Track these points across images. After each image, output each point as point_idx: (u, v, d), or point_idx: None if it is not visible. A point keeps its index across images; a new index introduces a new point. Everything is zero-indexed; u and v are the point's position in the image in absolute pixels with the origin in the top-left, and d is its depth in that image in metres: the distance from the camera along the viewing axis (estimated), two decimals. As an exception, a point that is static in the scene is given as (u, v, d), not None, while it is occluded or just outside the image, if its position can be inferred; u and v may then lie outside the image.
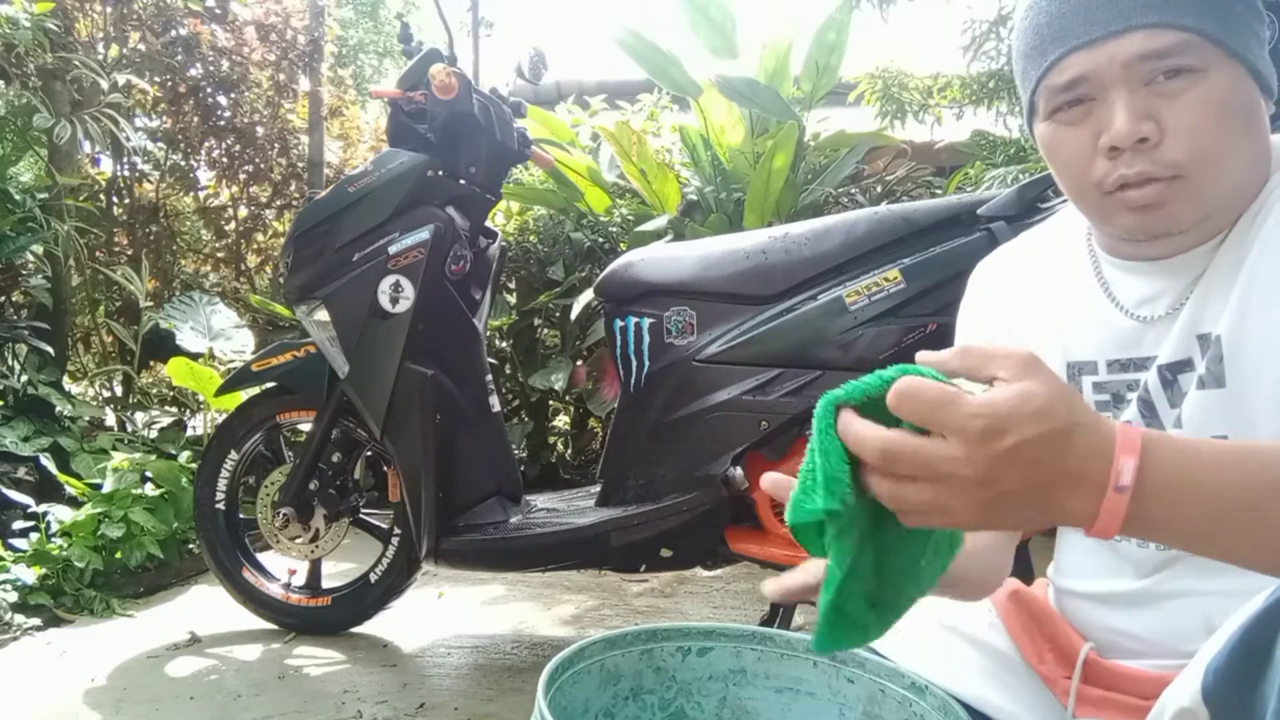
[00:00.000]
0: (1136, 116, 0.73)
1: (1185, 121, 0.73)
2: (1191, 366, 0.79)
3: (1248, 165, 0.76)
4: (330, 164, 5.42)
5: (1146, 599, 0.83)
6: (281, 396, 2.48)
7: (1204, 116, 0.73)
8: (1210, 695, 0.58)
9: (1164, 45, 0.72)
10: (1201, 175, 0.74)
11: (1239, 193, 0.77)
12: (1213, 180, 0.75)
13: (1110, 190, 0.77)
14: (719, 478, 1.97)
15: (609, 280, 2.13)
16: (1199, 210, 0.76)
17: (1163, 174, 0.74)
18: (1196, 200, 0.75)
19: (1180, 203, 0.75)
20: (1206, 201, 0.75)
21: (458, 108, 2.23)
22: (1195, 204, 0.75)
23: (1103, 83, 0.75)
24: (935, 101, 4.34)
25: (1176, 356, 0.80)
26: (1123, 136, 0.74)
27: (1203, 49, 0.73)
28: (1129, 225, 0.78)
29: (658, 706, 0.87)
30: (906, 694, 0.80)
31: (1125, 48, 0.73)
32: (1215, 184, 0.75)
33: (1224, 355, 0.76)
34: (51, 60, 3.94)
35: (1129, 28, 0.73)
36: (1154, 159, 0.74)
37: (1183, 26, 0.72)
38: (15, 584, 2.57)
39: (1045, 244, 0.95)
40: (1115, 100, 0.74)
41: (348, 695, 2.03)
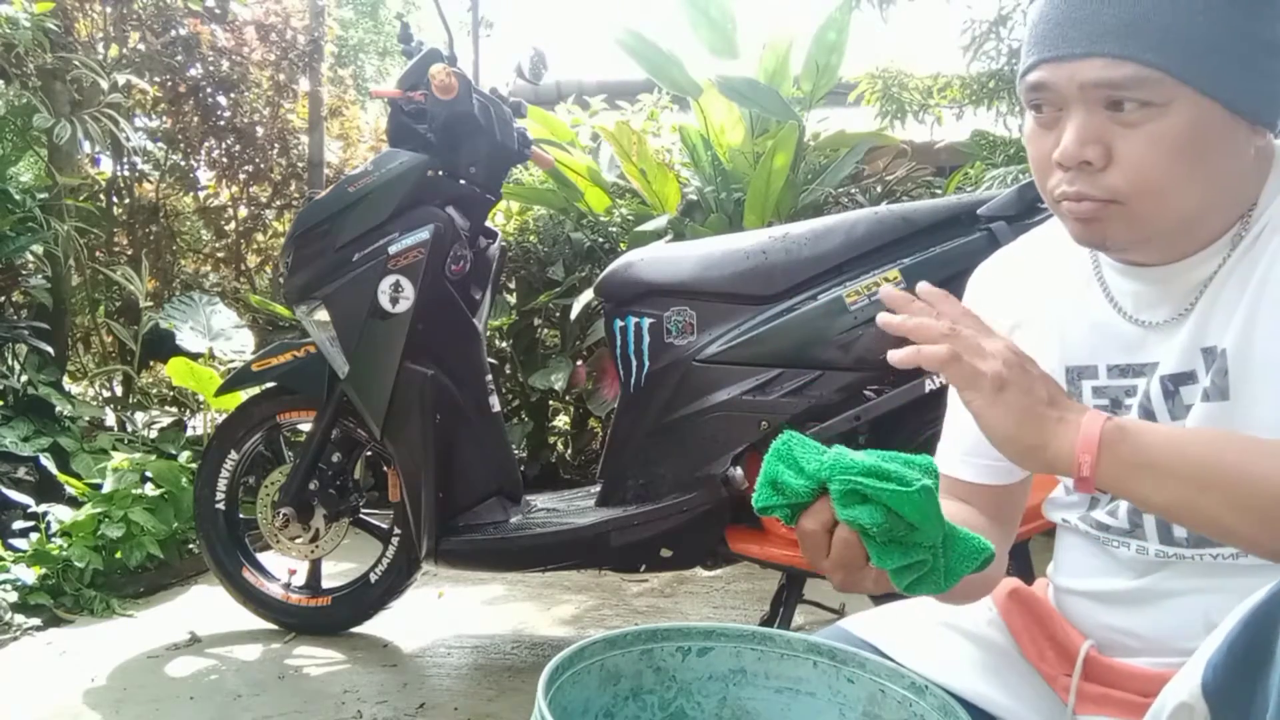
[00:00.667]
0: (1082, 140, 0.75)
1: (1133, 154, 0.74)
2: (1194, 379, 0.79)
3: (1204, 196, 0.76)
4: (330, 164, 5.42)
5: (1145, 598, 0.83)
6: (281, 396, 2.48)
7: (1153, 153, 0.74)
8: (1210, 690, 0.58)
9: (1120, 77, 0.73)
10: (1139, 205, 0.75)
11: (1200, 218, 0.77)
12: (1152, 211, 0.75)
13: (1057, 198, 0.79)
14: (719, 478, 1.97)
15: (609, 280, 2.13)
16: (1135, 234, 0.77)
17: (1098, 196, 0.76)
18: (1132, 225, 0.77)
19: (1114, 224, 0.77)
20: (1144, 228, 0.77)
21: (458, 108, 2.23)
22: (1130, 228, 0.77)
23: (1063, 98, 0.77)
24: (935, 101, 4.35)
25: (1180, 368, 0.80)
26: (1066, 156, 0.76)
27: (1164, 85, 0.72)
28: (1072, 233, 0.81)
29: (658, 706, 0.87)
30: (906, 694, 0.80)
31: (1084, 71, 0.74)
32: (1155, 214, 0.76)
33: (1229, 369, 0.76)
34: (51, 60, 3.94)
35: (1090, 53, 0.74)
36: (1093, 183, 0.76)
37: (1144, 61, 0.72)
38: (15, 584, 2.57)
39: (1046, 247, 0.95)
40: (1071, 118, 0.76)
41: (348, 695, 2.03)
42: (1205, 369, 0.78)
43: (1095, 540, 0.87)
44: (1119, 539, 0.84)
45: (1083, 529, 0.88)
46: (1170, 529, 0.81)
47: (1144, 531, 0.82)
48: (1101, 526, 0.86)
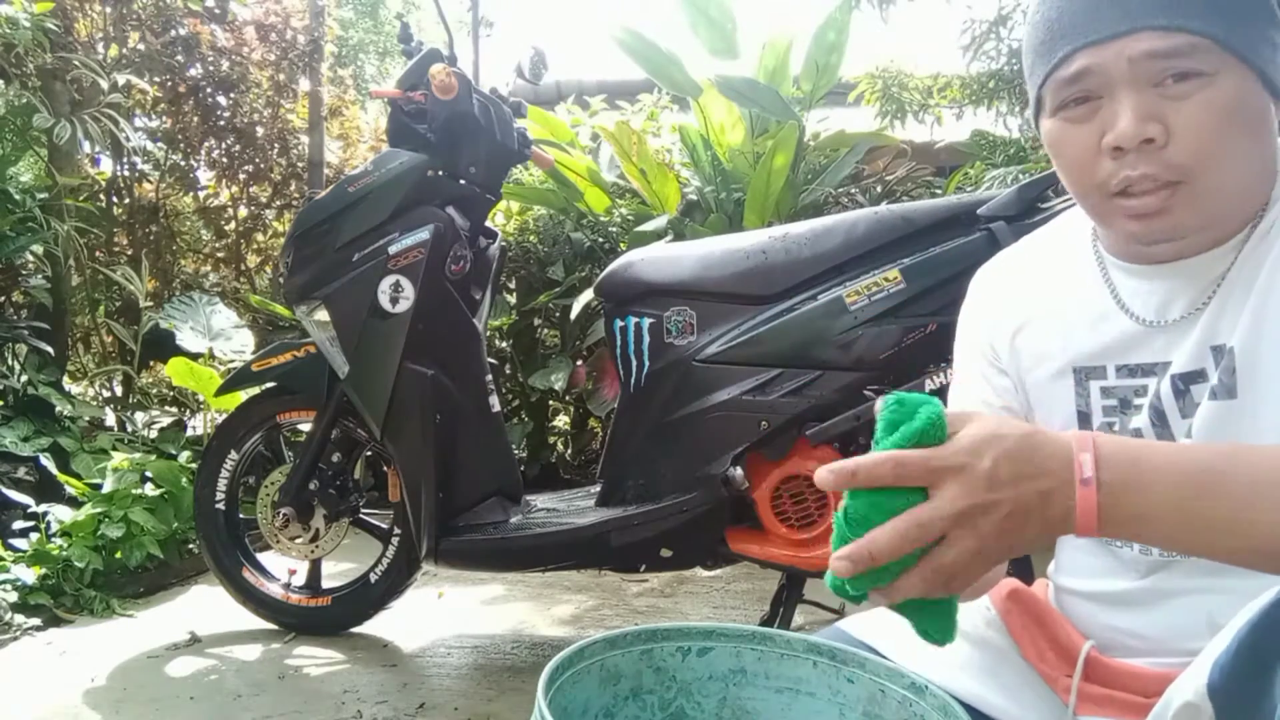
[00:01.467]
0: (1142, 117, 0.73)
1: (1191, 125, 0.72)
2: (1204, 377, 0.78)
3: (1253, 171, 0.76)
4: (330, 164, 5.42)
5: (1147, 598, 0.83)
6: (281, 396, 2.48)
7: (1210, 120, 0.72)
8: (1216, 691, 0.58)
9: (1173, 46, 0.72)
10: (1205, 179, 0.73)
11: (1244, 199, 0.76)
12: (1216, 185, 0.74)
13: (1114, 192, 0.76)
14: (719, 478, 1.97)
15: (609, 280, 2.13)
16: (1201, 216, 0.75)
17: (1166, 176, 0.74)
18: (1199, 206, 0.75)
19: (1182, 209, 0.74)
20: (1209, 207, 0.75)
21: (458, 108, 2.23)
22: (1198, 210, 0.75)
23: (1110, 80, 0.74)
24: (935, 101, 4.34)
25: (1190, 367, 0.79)
26: (1128, 137, 0.73)
27: (1211, 53, 0.72)
28: (1129, 231, 0.78)
29: (658, 707, 0.87)
30: (906, 694, 0.80)
31: (1133, 46, 0.73)
32: (1219, 189, 0.74)
33: (1236, 367, 0.75)
34: (51, 60, 3.94)
35: (1137, 28, 0.73)
36: (1159, 161, 0.73)
37: (1191, 30, 0.72)
38: (15, 584, 2.57)
39: (1049, 248, 0.94)
40: (1122, 99, 0.74)
41: (348, 695, 2.03)
42: (1215, 367, 0.77)
43: (1098, 540, 0.87)
44: (1121, 539, 0.84)
45: None
46: None
47: None
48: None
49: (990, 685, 0.91)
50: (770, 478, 1.99)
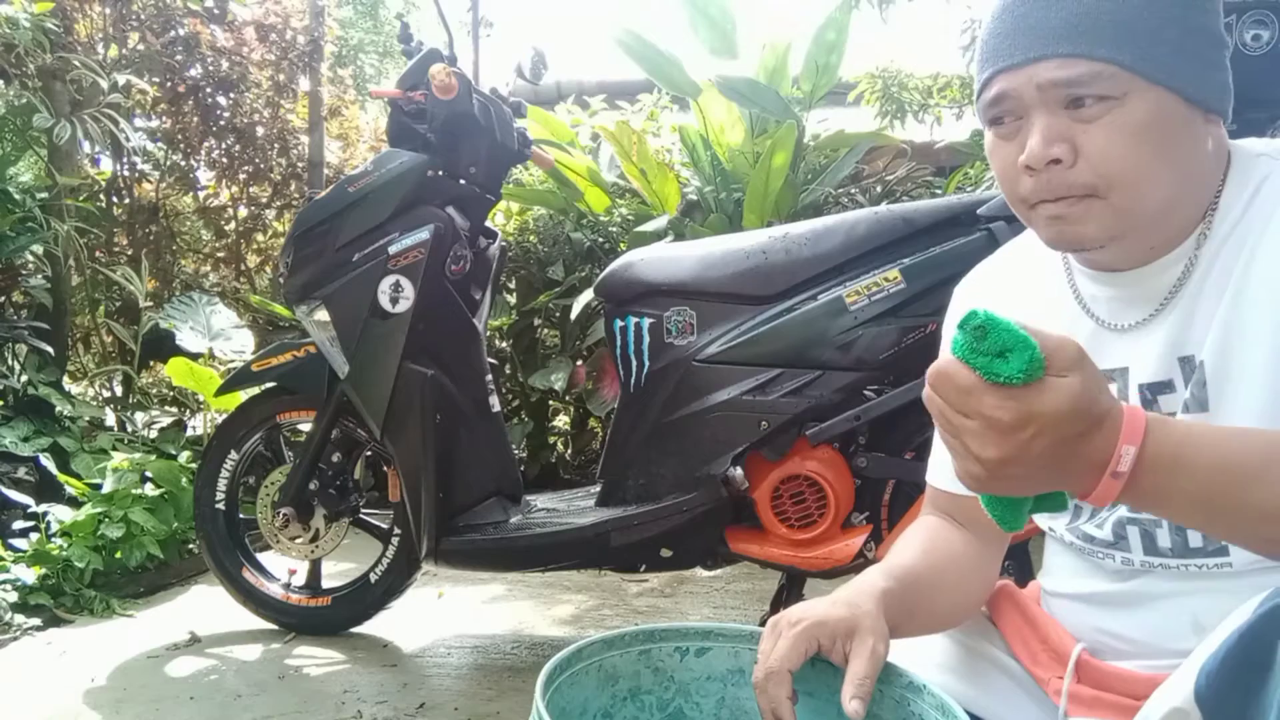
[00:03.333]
0: (1048, 140, 0.76)
1: (1098, 146, 0.75)
2: (1172, 388, 0.80)
3: (1174, 186, 0.77)
4: (330, 164, 5.42)
5: (1131, 600, 0.84)
6: (281, 396, 2.48)
7: (1117, 141, 0.75)
8: (1203, 697, 0.58)
9: (1075, 75, 0.75)
10: (1116, 196, 0.76)
11: (1170, 212, 0.78)
12: (1128, 201, 0.76)
13: (1032, 203, 0.80)
14: (719, 478, 1.97)
15: (609, 280, 2.13)
16: (1113, 229, 0.78)
17: (1075, 193, 0.77)
18: (1110, 219, 0.77)
19: (1093, 220, 0.77)
20: (1121, 221, 0.77)
21: (458, 108, 2.23)
22: (1109, 222, 0.77)
23: (1023, 104, 0.78)
24: (935, 101, 4.35)
25: (1156, 377, 0.81)
26: (1035, 158, 0.77)
27: (1118, 78, 0.74)
28: (1047, 239, 0.82)
29: (656, 707, 0.87)
30: (904, 693, 0.80)
31: (1040, 72, 0.76)
32: (1131, 204, 0.76)
33: (1207, 380, 0.77)
34: (51, 60, 3.94)
35: (1043, 56, 0.76)
36: (1065, 180, 0.77)
37: (1095, 56, 0.74)
38: (15, 584, 2.57)
39: (1022, 256, 0.97)
40: (1034, 121, 0.77)
41: (348, 695, 2.03)
42: (1184, 380, 0.79)
43: (1080, 551, 0.87)
44: (1103, 550, 0.85)
45: (1068, 540, 0.88)
46: (1154, 540, 0.81)
47: (1128, 544, 0.83)
48: (1087, 538, 0.86)
49: (982, 687, 0.91)
50: (770, 478, 1.99)
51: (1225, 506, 0.66)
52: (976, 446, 0.64)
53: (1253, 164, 0.80)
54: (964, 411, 0.64)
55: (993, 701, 0.90)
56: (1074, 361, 0.63)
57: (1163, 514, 0.74)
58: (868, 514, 2.02)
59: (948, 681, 0.93)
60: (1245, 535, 0.67)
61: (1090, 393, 0.62)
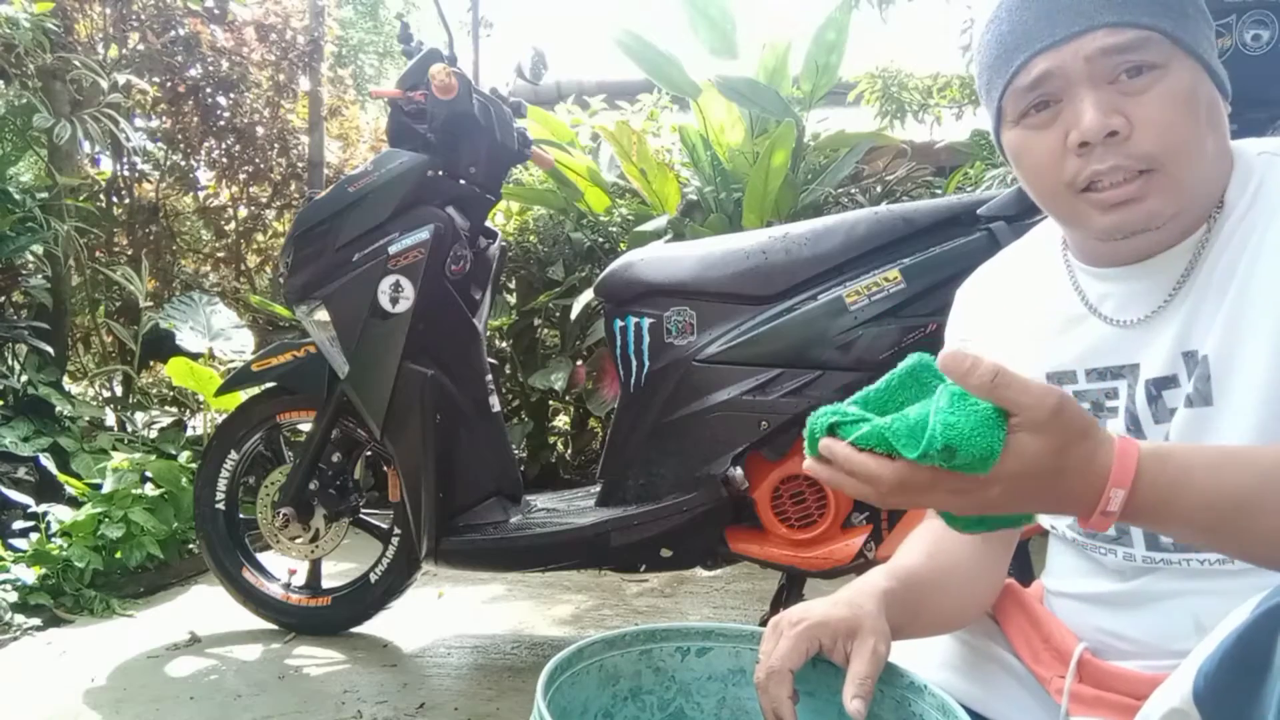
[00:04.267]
0: (1105, 111, 0.75)
1: (1152, 115, 0.75)
2: (1177, 383, 0.80)
3: (1213, 159, 0.78)
4: (330, 164, 5.42)
5: (1133, 600, 0.83)
6: (281, 396, 2.48)
7: (1170, 109, 0.75)
8: (1202, 698, 0.58)
9: (1125, 41, 0.75)
10: (1174, 165, 0.76)
11: (1208, 187, 0.78)
12: (1185, 170, 0.76)
13: (1082, 188, 0.78)
14: (719, 478, 1.97)
15: (609, 280, 2.13)
16: (1175, 203, 0.77)
17: (1135, 166, 0.76)
18: (1172, 192, 0.76)
19: (1156, 195, 0.76)
20: (1181, 193, 0.77)
21: (458, 108, 2.23)
22: (1171, 196, 0.76)
23: (1069, 80, 0.77)
24: (935, 101, 4.35)
25: (1162, 372, 0.80)
26: (1093, 131, 0.75)
27: (1161, 45, 0.75)
28: (1105, 225, 0.79)
29: (657, 707, 0.87)
30: (905, 694, 0.80)
31: (1088, 44, 0.75)
32: (1188, 174, 0.76)
33: (1211, 374, 0.77)
34: (51, 60, 3.94)
35: (1090, 27, 0.75)
36: (1125, 152, 0.75)
37: (1141, 24, 0.75)
38: (15, 584, 2.57)
39: (1023, 258, 0.96)
40: (1083, 97, 0.76)
41: (348, 695, 2.03)
42: (1188, 374, 0.79)
43: (1083, 547, 0.87)
44: (1105, 546, 0.85)
45: (1070, 536, 0.88)
46: (1157, 535, 0.81)
47: (1130, 539, 0.82)
48: (1089, 533, 0.86)
49: (985, 685, 0.91)
50: (770, 478, 1.99)
51: (1226, 534, 0.66)
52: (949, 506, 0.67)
53: (1254, 162, 0.80)
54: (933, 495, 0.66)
55: (995, 700, 0.90)
56: (1042, 423, 0.62)
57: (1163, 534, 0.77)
58: (868, 514, 2.02)
59: (950, 680, 0.93)
60: (1252, 557, 0.67)
61: (1058, 448, 0.63)
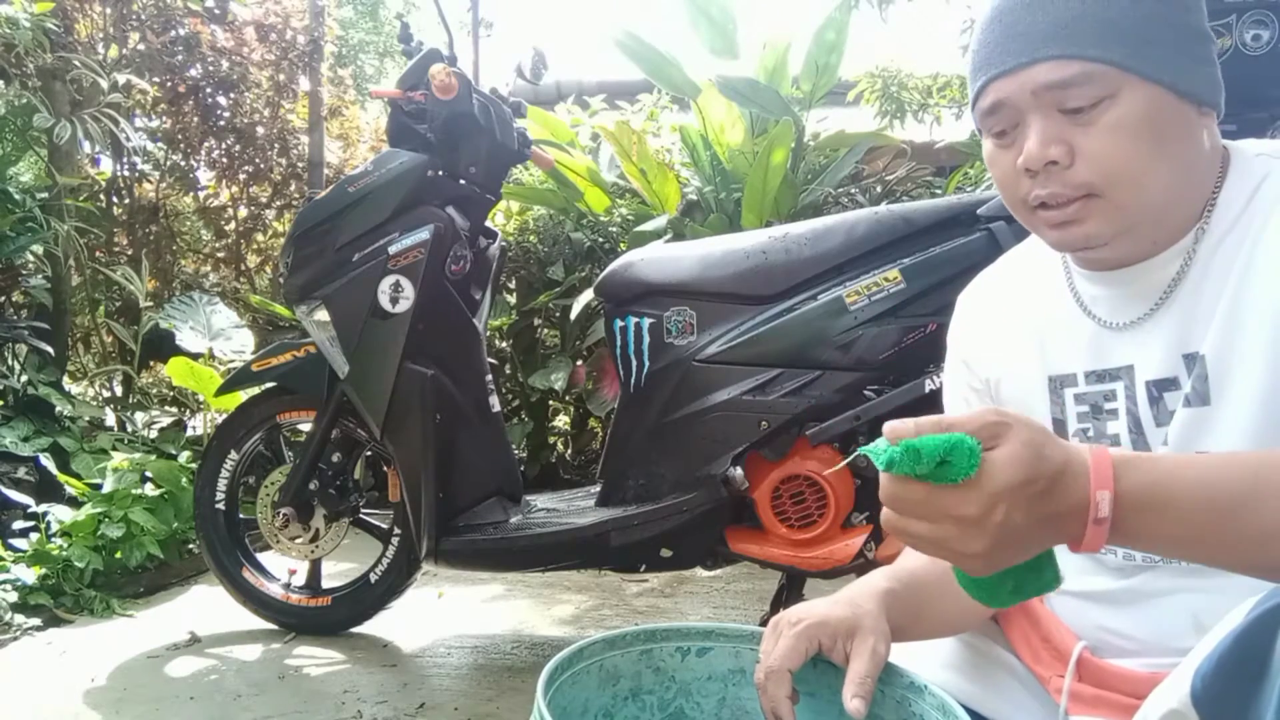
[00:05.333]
0: (1045, 142, 0.77)
1: (1095, 146, 0.76)
2: (1177, 385, 0.80)
3: (1173, 180, 0.78)
4: (330, 164, 5.43)
5: (1132, 597, 0.84)
6: (281, 396, 2.48)
7: (1115, 139, 0.76)
8: (1200, 699, 0.58)
9: (1068, 76, 0.76)
10: (1115, 193, 0.77)
11: (1169, 206, 0.79)
12: (1127, 196, 0.77)
13: (1033, 207, 0.81)
14: (719, 478, 1.97)
15: (609, 280, 2.13)
16: (1116, 225, 0.79)
17: (1074, 194, 0.78)
18: (1111, 215, 0.78)
19: (1095, 219, 0.78)
20: (1123, 216, 0.78)
21: (458, 108, 2.23)
22: (1110, 219, 0.78)
23: (1019, 109, 0.79)
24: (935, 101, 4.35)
25: (1163, 374, 0.81)
26: (1033, 159, 0.78)
27: (1109, 76, 0.75)
28: (1051, 241, 0.83)
29: (657, 707, 0.87)
30: (905, 694, 0.80)
31: (1034, 77, 0.77)
32: (1131, 199, 0.77)
33: (1209, 374, 0.78)
34: (51, 60, 3.94)
35: (1035, 59, 0.77)
36: (1064, 181, 0.78)
37: (1087, 57, 0.75)
38: (15, 584, 2.57)
39: (1023, 263, 0.97)
40: (1031, 125, 0.78)
41: (348, 695, 2.03)
42: (1187, 374, 0.79)
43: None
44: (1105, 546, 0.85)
45: None
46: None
47: None
48: None
49: (984, 684, 0.92)
50: (770, 478, 1.99)
51: (1219, 537, 0.65)
52: (961, 545, 0.64)
53: (1252, 163, 0.81)
54: (932, 520, 0.64)
55: (995, 699, 0.90)
56: (998, 429, 0.63)
57: (1158, 552, 0.75)
58: (868, 514, 2.02)
59: (950, 679, 0.93)
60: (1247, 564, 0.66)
61: (1032, 449, 0.63)
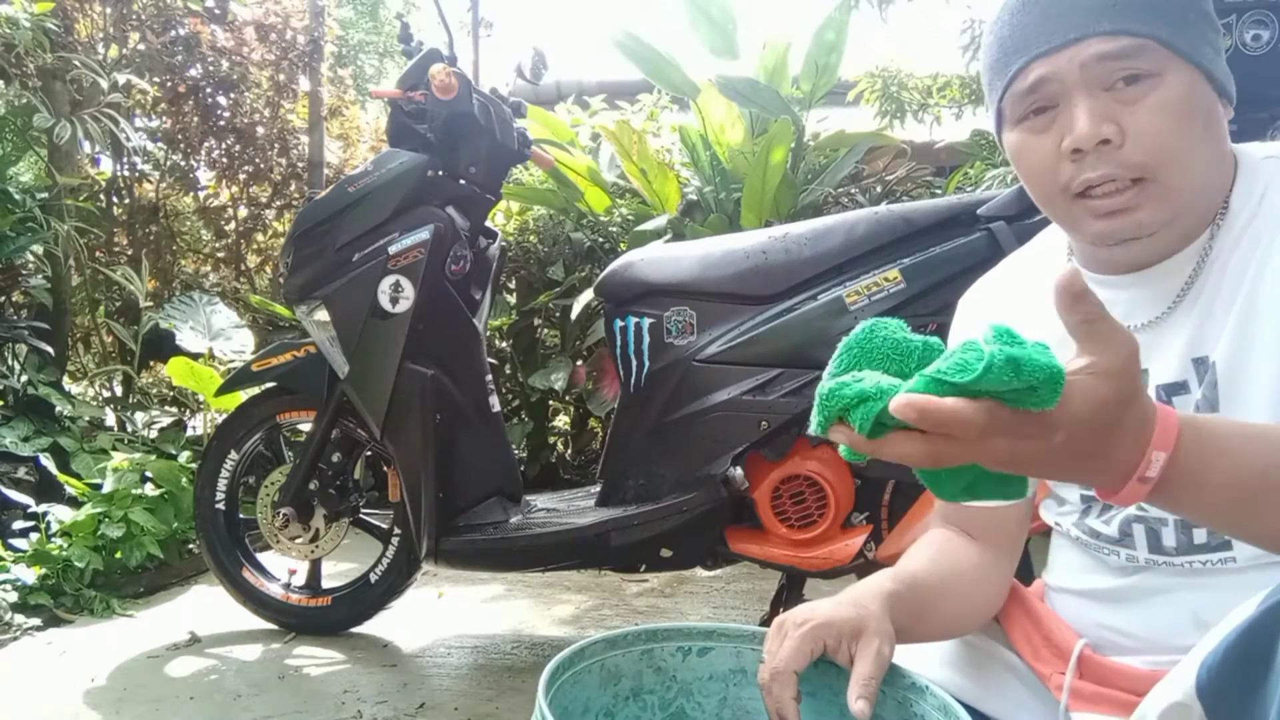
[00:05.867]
0: (1097, 119, 0.75)
1: (1146, 124, 0.75)
2: (1187, 389, 0.80)
3: (1210, 166, 0.78)
4: (330, 164, 5.42)
5: (1134, 595, 0.84)
6: (281, 396, 2.48)
7: (1164, 118, 0.75)
8: (1205, 692, 0.58)
9: (1119, 48, 0.75)
10: (1167, 175, 0.76)
11: (1205, 195, 0.78)
12: (1178, 180, 0.76)
13: (1077, 194, 0.79)
14: (719, 478, 1.97)
15: (609, 280, 2.13)
16: (1167, 211, 0.77)
17: (1127, 175, 0.76)
18: (1164, 201, 0.77)
19: (1149, 205, 0.77)
20: (1174, 202, 0.77)
21: (458, 108, 2.23)
22: (1163, 205, 0.77)
23: (1064, 85, 0.77)
24: (935, 101, 4.35)
25: (1172, 378, 0.81)
26: (1085, 138, 0.76)
27: (1157, 53, 0.75)
28: (1097, 231, 0.80)
29: (658, 706, 0.87)
30: (907, 694, 0.80)
31: (1083, 51, 0.76)
32: (1181, 183, 0.76)
33: (1219, 380, 0.77)
34: (51, 60, 3.94)
35: (1085, 35, 0.76)
36: (1117, 160, 0.76)
37: (1136, 32, 0.75)
38: (15, 584, 2.57)
39: (1028, 265, 0.96)
40: (1077, 104, 0.77)
41: (348, 695, 2.03)
42: (1198, 380, 0.79)
43: (1086, 546, 0.88)
44: (1109, 547, 0.85)
45: (1074, 535, 0.89)
46: (1159, 538, 0.81)
47: (1133, 541, 0.83)
48: (1093, 533, 0.86)
49: (985, 683, 0.92)
50: (770, 478, 1.99)
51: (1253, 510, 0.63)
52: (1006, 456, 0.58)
53: (1259, 166, 0.80)
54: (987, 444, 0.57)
55: (996, 697, 0.91)
56: (1115, 369, 0.58)
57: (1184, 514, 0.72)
58: (868, 514, 2.02)
59: (951, 677, 0.93)
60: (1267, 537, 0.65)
61: (1122, 399, 0.58)
